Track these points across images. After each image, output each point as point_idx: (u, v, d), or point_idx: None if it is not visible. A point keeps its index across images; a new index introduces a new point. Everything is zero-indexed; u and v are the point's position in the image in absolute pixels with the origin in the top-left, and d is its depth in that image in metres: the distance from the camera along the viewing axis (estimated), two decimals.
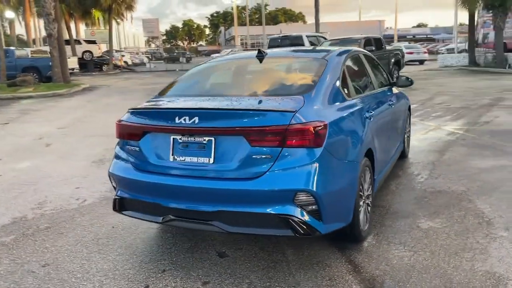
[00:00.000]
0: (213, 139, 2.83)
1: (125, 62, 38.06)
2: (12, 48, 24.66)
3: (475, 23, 25.19)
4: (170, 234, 3.71)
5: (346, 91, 3.46)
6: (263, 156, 2.70)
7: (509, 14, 21.25)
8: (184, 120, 2.84)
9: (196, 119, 2.81)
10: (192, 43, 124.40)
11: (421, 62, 31.98)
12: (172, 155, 2.96)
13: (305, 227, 2.67)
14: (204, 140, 2.86)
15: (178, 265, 3.17)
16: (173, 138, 2.95)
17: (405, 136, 5.58)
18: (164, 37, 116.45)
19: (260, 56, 3.71)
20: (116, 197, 3.23)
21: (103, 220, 4.11)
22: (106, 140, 7.61)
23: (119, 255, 3.38)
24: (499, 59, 21.58)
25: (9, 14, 38.52)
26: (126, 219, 3.96)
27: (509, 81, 16.51)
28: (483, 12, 24.57)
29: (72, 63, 27.00)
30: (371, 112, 3.66)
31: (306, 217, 2.68)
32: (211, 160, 2.83)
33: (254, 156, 2.71)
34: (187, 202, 2.88)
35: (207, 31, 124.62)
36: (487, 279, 2.79)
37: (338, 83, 3.35)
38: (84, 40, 35.94)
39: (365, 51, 4.72)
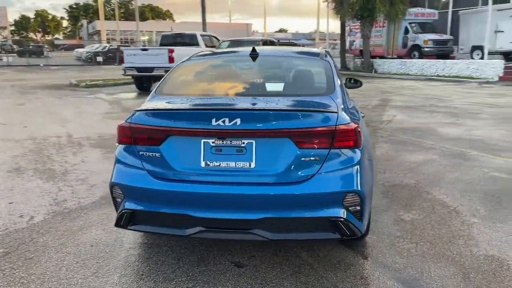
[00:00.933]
0: (253, 141, 2.65)
1: None
2: None
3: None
4: (165, 247, 3.36)
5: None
6: (312, 159, 2.63)
7: (374, 24, 23.91)
8: (223, 122, 2.61)
9: (238, 120, 2.60)
10: (47, 35, 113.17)
11: None
12: (204, 160, 2.69)
13: (352, 228, 2.67)
14: (243, 143, 2.66)
15: (200, 280, 2.90)
16: (204, 142, 2.69)
17: None
18: (13, 28, 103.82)
19: (254, 55, 3.58)
20: (124, 210, 2.81)
21: (73, 238, 3.54)
22: (3, 145, 6.58)
23: (123, 276, 2.96)
24: (367, 64, 24.17)
25: None
26: (102, 235, 3.53)
27: (380, 84, 18.56)
28: (349, 21, 27.20)
29: None
30: (361, 112, 3.81)
31: (352, 218, 2.69)
32: (253, 165, 2.65)
33: (302, 159, 2.62)
34: (225, 211, 2.65)
35: (65, 23, 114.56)
36: (491, 262, 3.13)
37: (342, 83, 3.43)
38: None
39: None
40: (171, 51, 14.84)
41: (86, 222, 3.87)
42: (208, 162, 2.69)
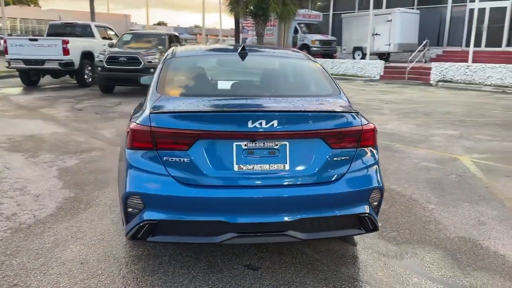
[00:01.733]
0: (287, 143, 2.64)
1: None
2: None
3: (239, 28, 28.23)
4: (164, 257, 3.16)
5: None
6: (343, 158, 2.72)
7: (267, 22, 24.74)
8: (260, 124, 2.55)
9: (274, 122, 2.57)
10: None
11: None
12: (237, 164, 2.60)
13: (374, 223, 2.83)
14: (276, 145, 2.64)
15: (223, 287, 2.80)
16: (236, 145, 2.60)
17: None
18: None
19: (243, 54, 3.52)
20: (146, 221, 2.57)
21: (53, 257, 3.13)
22: None
23: None
24: None
25: None
26: (85, 250, 3.22)
27: None
28: (242, 19, 27.73)
29: None
30: None
31: (373, 214, 2.85)
32: (287, 166, 2.64)
33: (335, 159, 2.69)
34: (260, 214, 2.60)
35: None
36: (466, 243, 3.57)
37: None
38: None
39: None
40: (66, 42, 13.62)
41: (57, 237, 3.43)
42: (242, 166, 2.61)
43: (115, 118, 9.02)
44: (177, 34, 15.75)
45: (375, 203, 2.86)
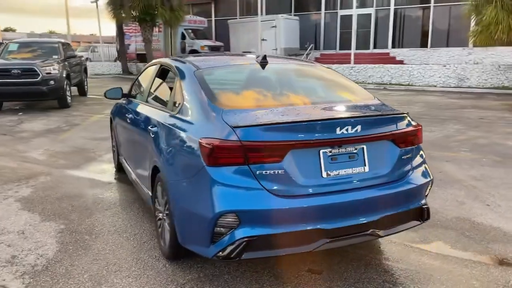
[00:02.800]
0: (364, 146, 2.78)
1: None
2: None
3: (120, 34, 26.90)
4: (225, 275, 3.04)
5: None
6: (408, 156, 2.96)
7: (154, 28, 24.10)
8: (347, 130, 2.64)
9: (359, 127, 2.68)
10: None
11: None
12: (325, 170, 2.65)
13: (429, 213, 3.11)
14: (355, 149, 2.76)
15: None
16: (323, 152, 2.65)
17: None
18: None
19: (264, 63, 3.57)
20: (243, 238, 2.49)
21: None
22: None
23: None
24: None
25: None
26: (135, 283, 2.96)
27: None
28: (124, 25, 26.56)
29: None
30: None
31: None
32: (366, 169, 2.78)
33: (402, 158, 2.91)
34: (349, 218, 2.70)
35: None
36: (463, 222, 4.09)
37: None
38: None
39: None
40: None
41: (91, 274, 3.05)
42: (329, 172, 2.68)
43: (31, 138, 8.05)
44: (68, 42, 14.51)
45: (427, 194, 3.16)
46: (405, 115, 3.05)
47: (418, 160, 3.08)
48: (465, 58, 20.94)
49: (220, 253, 2.56)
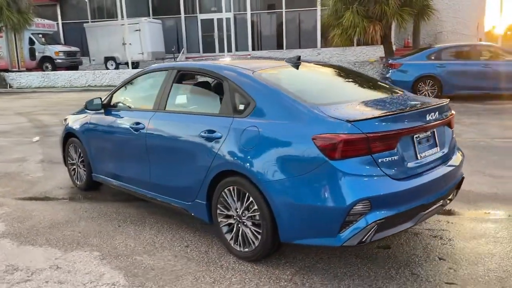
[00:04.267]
0: (435, 130, 3.24)
1: None
2: None
3: None
4: (302, 263, 3.18)
5: None
6: (453, 136, 3.52)
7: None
8: (432, 116, 3.07)
9: (436, 114, 3.14)
10: None
11: None
12: (419, 153, 3.05)
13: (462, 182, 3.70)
14: (430, 133, 3.20)
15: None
16: (415, 137, 3.03)
17: None
18: None
19: (298, 63, 3.78)
20: (376, 221, 2.72)
21: None
22: None
23: None
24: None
25: None
26: None
27: (27, 99, 16.81)
28: None
29: None
30: None
31: None
32: (438, 149, 3.26)
33: (453, 137, 3.49)
34: (436, 192, 3.14)
35: None
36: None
37: None
38: None
39: None
40: None
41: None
42: (421, 154, 3.08)
43: None
44: None
45: None
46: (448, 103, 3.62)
47: (454, 137, 3.67)
48: (315, 58, 23.51)
49: (350, 239, 2.73)
